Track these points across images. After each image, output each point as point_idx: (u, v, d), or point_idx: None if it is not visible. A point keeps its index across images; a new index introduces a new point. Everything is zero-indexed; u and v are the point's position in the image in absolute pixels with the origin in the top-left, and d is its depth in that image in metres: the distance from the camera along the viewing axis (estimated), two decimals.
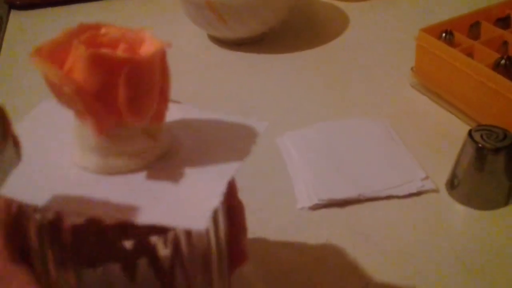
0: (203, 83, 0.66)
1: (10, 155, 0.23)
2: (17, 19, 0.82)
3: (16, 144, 0.23)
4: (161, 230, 0.25)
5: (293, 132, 0.55)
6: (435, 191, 0.48)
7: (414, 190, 0.47)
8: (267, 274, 0.42)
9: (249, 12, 0.66)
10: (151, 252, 0.26)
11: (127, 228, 0.25)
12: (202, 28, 0.72)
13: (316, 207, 0.47)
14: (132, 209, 0.25)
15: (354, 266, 0.42)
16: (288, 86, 0.64)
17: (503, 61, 0.52)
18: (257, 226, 0.45)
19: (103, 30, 0.27)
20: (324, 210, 0.46)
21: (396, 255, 0.42)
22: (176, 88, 0.63)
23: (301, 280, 0.41)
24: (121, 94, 0.25)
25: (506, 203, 0.46)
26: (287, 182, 0.50)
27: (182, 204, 0.26)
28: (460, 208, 0.46)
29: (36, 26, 0.81)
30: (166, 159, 0.28)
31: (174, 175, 0.27)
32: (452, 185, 0.47)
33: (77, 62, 0.24)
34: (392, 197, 0.47)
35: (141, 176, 0.27)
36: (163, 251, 0.27)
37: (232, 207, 0.32)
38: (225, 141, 0.30)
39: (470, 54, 0.56)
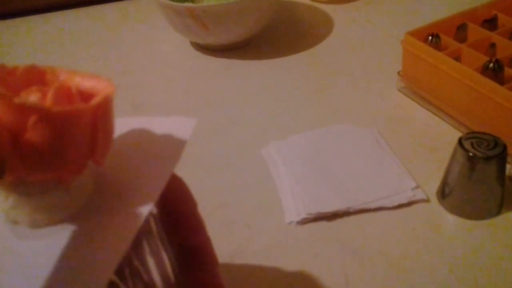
0: (187, 90, 0.64)
1: None
2: None
3: None
4: None
5: (279, 142, 0.54)
6: (426, 201, 0.46)
7: (404, 201, 0.46)
8: None
9: (231, 19, 0.64)
10: None
11: None
12: (185, 35, 0.70)
13: (304, 221, 0.45)
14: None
15: (344, 284, 0.40)
16: (272, 93, 0.63)
17: (491, 65, 0.51)
18: (244, 243, 0.44)
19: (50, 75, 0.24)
20: (312, 224, 0.45)
21: (387, 270, 0.41)
22: (160, 97, 0.62)
23: None
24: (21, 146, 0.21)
25: (498, 212, 0.45)
26: (274, 195, 0.48)
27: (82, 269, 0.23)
28: (451, 218, 0.45)
29: (14, 35, 0.79)
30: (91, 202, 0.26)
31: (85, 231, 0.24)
32: (443, 194, 0.46)
33: None
34: (382, 209, 0.46)
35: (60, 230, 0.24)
36: None
37: (190, 248, 0.30)
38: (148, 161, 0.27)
39: (457, 57, 0.55)
